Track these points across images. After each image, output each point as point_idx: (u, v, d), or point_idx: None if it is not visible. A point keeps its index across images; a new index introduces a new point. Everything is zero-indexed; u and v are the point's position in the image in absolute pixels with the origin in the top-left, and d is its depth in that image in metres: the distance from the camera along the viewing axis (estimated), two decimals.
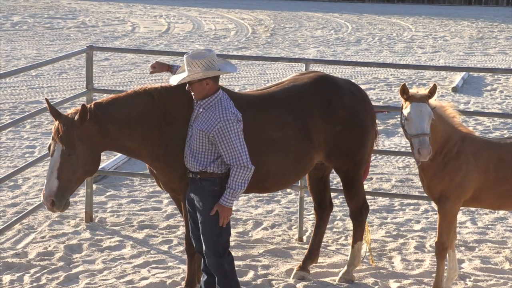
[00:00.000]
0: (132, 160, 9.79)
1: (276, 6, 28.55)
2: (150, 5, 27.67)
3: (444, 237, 6.01)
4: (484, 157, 5.92)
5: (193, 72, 5.46)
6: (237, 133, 5.43)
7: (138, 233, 7.70)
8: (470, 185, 5.93)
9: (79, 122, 5.56)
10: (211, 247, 5.54)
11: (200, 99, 5.55)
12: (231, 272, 5.59)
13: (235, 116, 5.47)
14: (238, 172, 5.42)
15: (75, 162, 5.58)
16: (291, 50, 19.07)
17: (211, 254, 5.55)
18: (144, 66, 16.43)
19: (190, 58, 5.49)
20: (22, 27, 21.69)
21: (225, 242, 5.57)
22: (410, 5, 30.23)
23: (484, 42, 21.05)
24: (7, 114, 12.13)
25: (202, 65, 5.45)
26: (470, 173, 5.91)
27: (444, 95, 14.32)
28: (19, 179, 9.16)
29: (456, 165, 5.91)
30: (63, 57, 8.25)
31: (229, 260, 5.59)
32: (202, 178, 5.54)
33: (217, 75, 5.55)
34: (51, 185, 5.56)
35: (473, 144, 5.96)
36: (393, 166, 10.11)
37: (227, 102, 5.53)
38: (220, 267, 5.56)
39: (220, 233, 5.53)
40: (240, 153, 5.42)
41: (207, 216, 5.52)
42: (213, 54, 5.52)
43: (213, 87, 5.53)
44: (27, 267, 6.82)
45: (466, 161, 5.91)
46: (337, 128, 6.28)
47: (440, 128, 5.93)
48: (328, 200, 6.83)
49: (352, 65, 16.15)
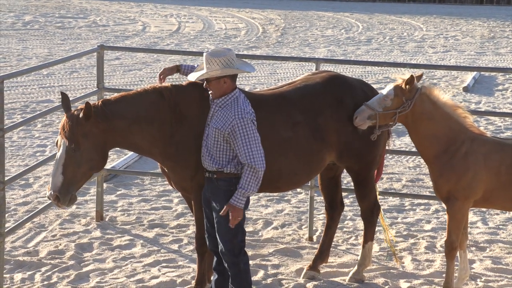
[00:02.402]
0: (143, 159, 9.81)
1: (286, 5, 28.54)
2: (160, 5, 27.71)
3: (453, 237, 5.99)
4: (495, 158, 5.88)
5: (212, 69, 5.48)
6: (252, 132, 5.42)
7: (148, 232, 7.72)
8: (479, 186, 5.90)
9: (83, 119, 5.59)
10: (227, 246, 5.55)
11: (217, 97, 5.56)
12: (245, 272, 5.61)
13: (251, 116, 5.47)
14: (250, 173, 5.40)
15: (80, 158, 5.62)
16: (301, 50, 19.05)
17: (227, 253, 5.56)
18: (155, 66, 16.45)
19: (209, 55, 5.50)
20: (34, 27, 21.77)
21: (240, 242, 5.58)
22: (421, 5, 30.15)
23: (495, 41, 20.97)
24: (18, 113, 12.17)
25: (221, 63, 5.46)
26: (479, 174, 5.88)
27: (455, 95, 14.28)
28: (30, 178, 9.19)
29: (464, 165, 5.88)
30: (74, 56, 8.27)
31: (245, 259, 5.61)
32: (218, 178, 5.55)
33: (235, 74, 5.56)
34: (56, 180, 5.60)
35: (484, 145, 5.92)
36: (404, 166, 10.09)
37: (243, 101, 5.53)
38: (236, 266, 5.58)
39: (236, 232, 5.54)
40: (254, 152, 5.40)
41: (222, 216, 5.52)
42: (232, 53, 5.54)
43: (231, 85, 5.53)
44: (38, 266, 6.84)
45: (475, 162, 5.87)
46: (349, 128, 6.26)
47: (445, 126, 5.93)
48: (339, 200, 6.82)
49: (362, 64, 16.13)
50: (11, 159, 9.95)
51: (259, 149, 5.42)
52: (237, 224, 5.48)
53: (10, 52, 17.57)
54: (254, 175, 5.40)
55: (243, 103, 5.52)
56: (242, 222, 5.57)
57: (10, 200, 8.47)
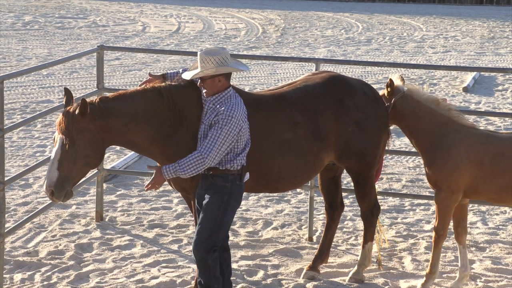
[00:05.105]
0: (143, 159, 9.81)
1: (286, 5, 28.54)
2: (160, 5, 27.71)
3: (440, 226, 6.20)
4: (479, 149, 6.03)
5: (206, 68, 5.50)
6: (228, 130, 5.43)
7: (148, 232, 7.72)
8: (462, 176, 6.05)
9: (79, 115, 5.61)
10: (200, 241, 5.59)
11: (211, 95, 5.59)
12: (213, 268, 5.64)
13: (240, 114, 5.48)
14: (197, 160, 5.43)
15: (75, 154, 5.63)
16: (301, 50, 19.05)
17: (198, 248, 5.60)
18: (155, 66, 16.45)
19: (203, 54, 5.53)
20: (34, 27, 21.77)
21: (219, 240, 5.62)
22: (421, 5, 30.15)
23: (495, 41, 20.97)
24: (18, 113, 12.17)
25: (216, 61, 5.49)
26: (461, 165, 6.03)
27: (455, 95, 14.28)
28: (30, 178, 9.19)
29: (445, 156, 6.07)
30: (74, 57, 8.27)
31: (213, 256, 5.63)
32: (214, 175, 5.58)
33: (229, 73, 5.58)
34: (51, 176, 5.63)
35: (468, 137, 6.08)
36: (404, 166, 10.09)
37: (236, 99, 5.57)
38: (205, 262, 5.62)
39: (219, 229, 5.56)
40: (214, 148, 5.42)
41: (207, 210, 5.57)
42: (227, 52, 5.57)
43: (225, 84, 5.57)
44: (38, 266, 6.84)
45: (457, 152, 6.04)
46: (349, 128, 6.26)
47: (430, 121, 6.16)
48: (339, 200, 6.82)
49: (362, 65, 16.12)
50: (11, 159, 9.95)
51: (220, 149, 5.44)
52: (220, 222, 5.52)
53: (10, 52, 17.57)
54: (198, 164, 5.43)
55: (236, 101, 5.55)
56: (226, 224, 5.59)
57: (10, 200, 8.47)
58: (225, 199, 5.57)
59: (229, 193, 5.57)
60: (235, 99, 5.57)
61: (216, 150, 5.45)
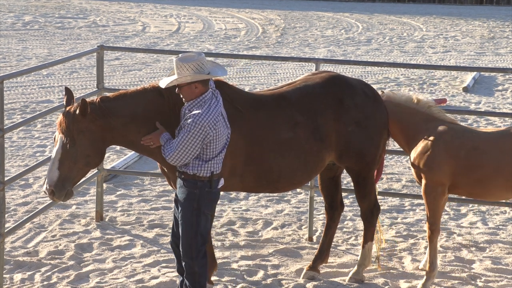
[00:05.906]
0: (143, 160, 9.81)
1: (286, 5, 28.54)
2: (160, 5, 27.72)
3: (431, 220, 6.33)
4: (456, 144, 6.20)
5: (182, 75, 5.46)
6: (193, 136, 5.39)
7: (148, 232, 7.72)
8: (441, 169, 6.19)
9: (80, 115, 5.61)
10: (184, 247, 5.61)
11: (188, 101, 5.57)
12: (199, 275, 5.64)
13: (208, 121, 5.39)
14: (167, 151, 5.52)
15: (76, 153, 5.64)
16: (301, 50, 19.06)
17: (184, 253, 5.62)
18: (155, 66, 16.45)
19: (179, 61, 5.48)
20: (34, 27, 21.77)
21: (200, 246, 5.60)
22: (421, 5, 30.16)
23: (495, 41, 20.97)
24: (18, 114, 12.18)
25: (191, 68, 5.44)
26: (438, 158, 6.19)
27: (455, 95, 14.28)
28: (30, 178, 9.19)
29: (425, 150, 6.24)
30: (74, 57, 8.26)
31: (201, 263, 5.63)
32: (184, 178, 5.59)
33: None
34: (52, 175, 5.63)
35: (446, 132, 6.26)
36: (404, 166, 10.09)
37: (210, 104, 5.48)
38: (191, 268, 5.63)
39: (195, 235, 5.57)
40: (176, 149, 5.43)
41: (183, 218, 5.59)
42: (203, 57, 5.50)
43: (202, 89, 5.51)
44: (38, 266, 6.84)
45: (435, 146, 6.22)
46: (349, 128, 6.26)
47: (411, 120, 6.36)
48: (339, 200, 6.82)
49: (362, 65, 16.12)
50: (11, 159, 9.95)
51: (184, 152, 5.42)
52: (197, 229, 5.53)
53: (10, 52, 17.58)
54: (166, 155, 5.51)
55: (210, 106, 5.47)
56: (204, 228, 5.59)
57: (10, 200, 8.47)
58: (195, 206, 5.56)
59: (198, 200, 5.54)
60: (211, 103, 5.49)
61: (178, 153, 5.45)
